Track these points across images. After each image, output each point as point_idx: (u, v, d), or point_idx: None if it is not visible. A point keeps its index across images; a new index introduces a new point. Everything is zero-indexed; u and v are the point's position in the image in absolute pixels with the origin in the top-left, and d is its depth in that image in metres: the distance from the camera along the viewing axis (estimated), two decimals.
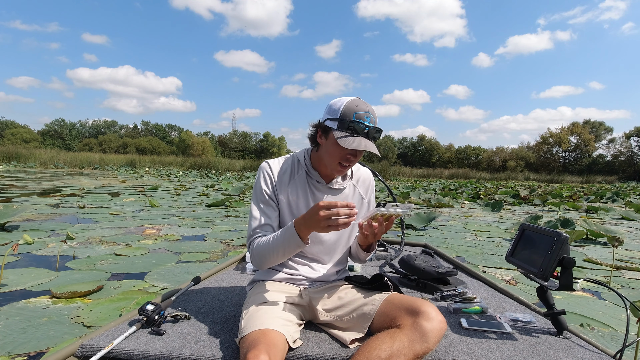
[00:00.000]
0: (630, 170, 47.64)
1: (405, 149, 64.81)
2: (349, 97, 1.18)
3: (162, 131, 60.63)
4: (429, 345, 0.99)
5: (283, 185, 1.29)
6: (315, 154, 1.29)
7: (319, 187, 1.30)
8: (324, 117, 1.20)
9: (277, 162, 1.32)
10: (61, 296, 2.08)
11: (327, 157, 1.21)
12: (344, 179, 1.34)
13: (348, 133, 1.14)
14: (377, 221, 1.10)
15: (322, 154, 1.24)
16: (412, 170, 39.02)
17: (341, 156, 1.17)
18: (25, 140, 45.43)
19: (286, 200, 1.28)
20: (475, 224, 5.72)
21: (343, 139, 1.13)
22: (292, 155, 1.36)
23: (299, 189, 1.29)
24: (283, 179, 1.29)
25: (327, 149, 1.20)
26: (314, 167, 1.30)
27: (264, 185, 1.28)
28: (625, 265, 3.25)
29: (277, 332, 1.05)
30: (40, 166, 22.58)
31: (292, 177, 1.30)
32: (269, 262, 1.20)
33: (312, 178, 1.30)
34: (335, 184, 1.31)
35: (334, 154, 1.18)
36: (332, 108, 1.18)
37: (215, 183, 13.79)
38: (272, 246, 1.16)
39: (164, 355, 1.09)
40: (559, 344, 1.24)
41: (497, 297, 1.74)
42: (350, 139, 1.13)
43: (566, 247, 1.22)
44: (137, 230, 4.22)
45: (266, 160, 1.32)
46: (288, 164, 1.32)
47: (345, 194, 1.35)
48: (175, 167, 29.77)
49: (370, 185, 1.43)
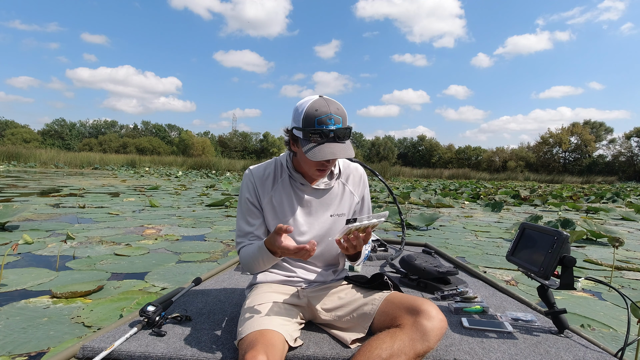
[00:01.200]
0: (631, 170, 47.61)
1: (406, 149, 64.79)
2: (310, 99, 1.14)
3: (162, 131, 60.62)
4: (429, 345, 0.99)
5: (266, 190, 1.28)
6: (295, 157, 1.28)
7: (303, 189, 1.29)
8: (291, 124, 1.18)
9: (260, 167, 1.32)
10: (61, 296, 2.08)
11: (303, 165, 1.22)
12: (330, 178, 1.32)
13: (314, 142, 1.11)
14: (353, 234, 1.08)
15: (299, 159, 1.24)
16: (412, 171, 39.04)
17: (316, 164, 1.17)
18: (25, 140, 45.40)
19: (270, 206, 1.28)
20: (476, 224, 5.72)
21: (310, 151, 1.10)
22: (275, 159, 1.35)
23: (283, 192, 1.28)
24: (266, 184, 1.28)
25: (301, 157, 1.20)
26: (296, 169, 1.29)
27: (247, 193, 1.28)
28: (626, 266, 3.25)
29: (276, 332, 1.04)
30: (40, 166, 22.58)
31: (276, 180, 1.29)
32: (255, 269, 1.24)
33: (296, 181, 1.28)
34: (321, 184, 1.29)
35: (307, 162, 1.18)
36: (296, 113, 1.14)
37: (215, 183, 13.79)
38: (253, 257, 1.20)
39: (165, 357, 1.09)
40: (560, 343, 1.23)
41: (498, 296, 1.74)
42: (317, 150, 1.10)
43: (567, 245, 1.22)
44: (137, 230, 4.21)
45: (249, 167, 1.32)
46: (271, 168, 1.31)
47: (334, 192, 1.32)
48: (175, 167, 29.77)
49: (362, 181, 1.39)
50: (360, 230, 1.07)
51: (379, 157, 57.27)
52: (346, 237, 1.09)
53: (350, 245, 1.10)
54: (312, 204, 1.29)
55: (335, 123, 1.11)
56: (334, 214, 1.31)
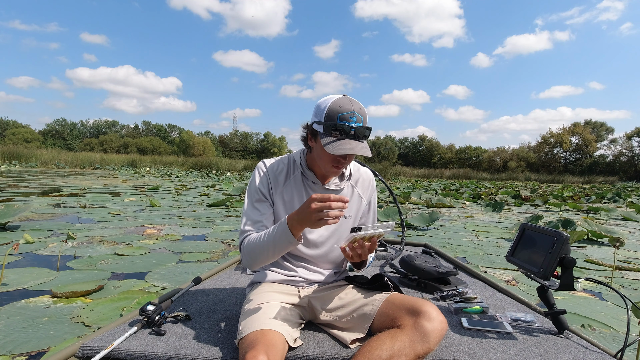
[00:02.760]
0: (632, 170, 47.53)
1: (406, 149, 64.74)
2: (334, 96, 1.16)
3: (163, 131, 60.69)
4: (429, 346, 0.99)
5: (278, 185, 1.29)
6: (309, 155, 1.29)
7: (315, 188, 1.30)
8: (312, 119, 1.19)
9: (274, 161, 1.32)
10: (62, 296, 2.08)
11: (319, 160, 1.22)
12: (341, 180, 1.33)
13: (334, 137, 1.13)
14: (358, 243, 1.09)
15: (314, 156, 1.24)
16: (412, 171, 38.99)
17: (332, 159, 1.17)
18: (26, 140, 45.49)
19: (281, 201, 1.28)
20: (476, 224, 5.71)
21: (329, 145, 1.11)
22: (288, 155, 1.36)
23: (295, 189, 1.29)
24: (279, 179, 1.29)
25: (318, 152, 1.20)
26: (309, 167, 1.30)
27: (259, 183, 1.28)
28: (627, 266, 3.25)
29: (276, 332, 1.04)
30: (41, 166, 22.61)
31: (288, 177, 1.30)
32: (259, 260, 1.17)
33: (308, 179, 1.29)
34: (332, 185, 1.31)
35: (324, 157, 1.18)
36: (318, 109, 1.16)
37: (216, 183, 13.79)
38: (263, 243, 1.13)
39: (165, 356, 1.09)
40: (559, 344, 1.23)
41: (498, 296, 1.74)
42: (336, 144, 1.11)
43: (567, 246, 1.22)
44: (137, 230, 4.22)
45: (263, 160, 1.32)
46: (284, 164, 1.32)
47: (343, 194, 1.34)
48: (176, 167, 29.79)
49: (371, 186, 1.41)
50: (366, 240, 1.08)
51: (379, 157, 57.25)
52: (351, 245, 1.09)
53: (355, 254, 1.11)
54: None
55: (357, 122, 1.13)
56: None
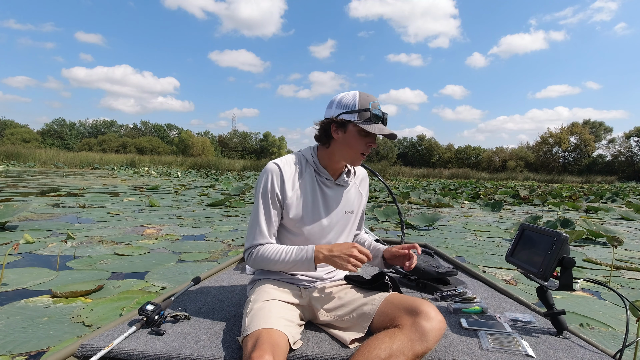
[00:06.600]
0: (630, 170, 47.63)
1: (405, 149, 64.77)
2: (352, 92, 1.25)
3: (162, 131, 60.59)
4: (428, 345, 1.00)
5: (293, 183, 1.29)
6: (324, 151, 1.30)
7: (328, 184, 1.33)
8: (337, 112, 1.24)
9: (286, 161, 1.30)
10: (62, 295, 2.08)
11: (346, 150, 1.26)
12: (347, 176, 1.38)
13: (372, 122, 1.22)
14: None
15: (337, 148, 1.27)
16: (412, 170, 39.03)
17: (363, 144, 1.25)
18: (24, 139, 45.40)
19: (295, 196, 1.28)
20: (475, 224, 5.72)
21: (369, 126, 1.21)
22: (297, 153, 1.36)
23: (308, 186, 1.30)
24: (293, 177, 1.29)
25: (346, 141, 1.25)
26: (322, 164, 1.32)
27: (277, 187, 1.26)
28: (625, 265, 3.26)
29: (281, 333, 1.05)
30: (40, 166, 22.57)
31: (301, 175, 1.31)
32: (268, 269, 1.28)
33: (321, 175, 1.32)
34: (341, 181, 1.35)
35: (355, 144, 1.24)
36: (345, 102, 1.24)
37: (215, 183, 13.78)
38: (281, 262, 1.22)
39: (164, 356, 1.09)
40: (558, 344, 1.24)
41: (497, 297, 1.74)
42: (376, 126, 1.22)
43: (566, 247, 1.22)
44: (137, 229, 4.22)
45: (274, 162, 1.29)
46: (296, 162, 1.32)
47: (350, 191, 1.38)
48: (175, 166, 29.77)
49: (366, 181, 1.50)
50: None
51: (378, 156, 57.24)
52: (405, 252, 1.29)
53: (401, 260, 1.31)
54: (332, 199, 1.33)
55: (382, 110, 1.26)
56: (347, 211, 1.37)
